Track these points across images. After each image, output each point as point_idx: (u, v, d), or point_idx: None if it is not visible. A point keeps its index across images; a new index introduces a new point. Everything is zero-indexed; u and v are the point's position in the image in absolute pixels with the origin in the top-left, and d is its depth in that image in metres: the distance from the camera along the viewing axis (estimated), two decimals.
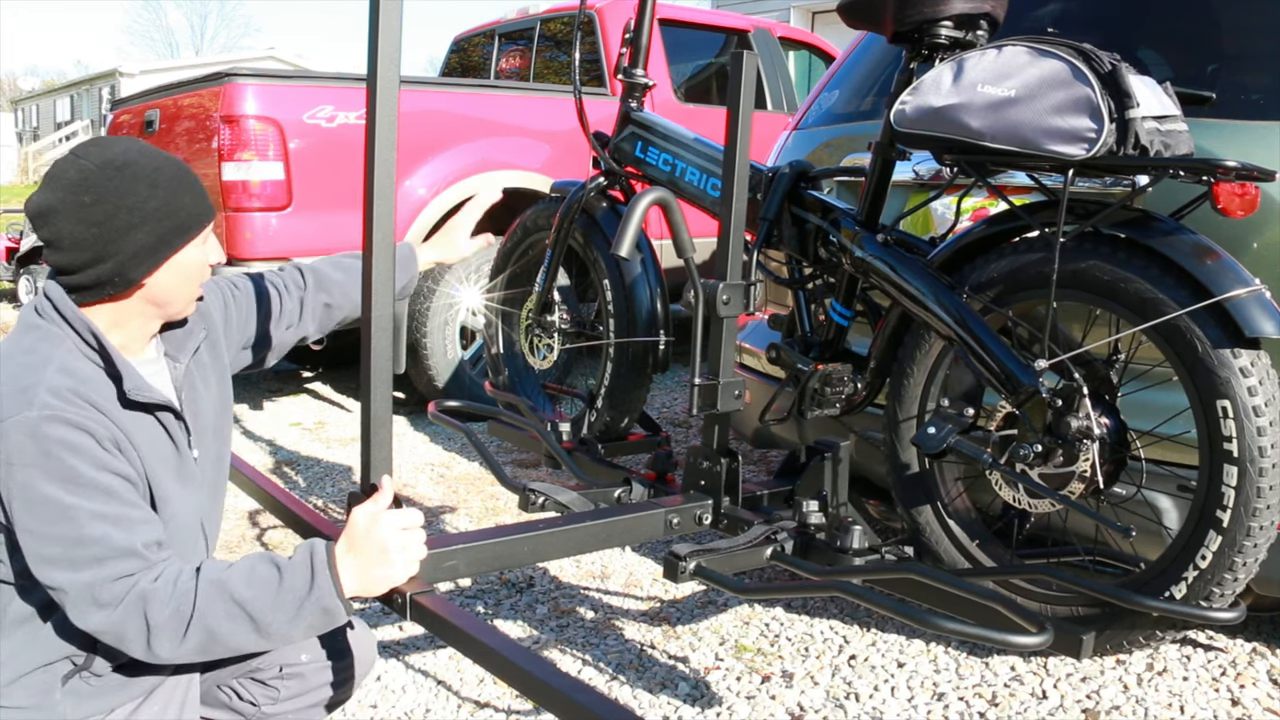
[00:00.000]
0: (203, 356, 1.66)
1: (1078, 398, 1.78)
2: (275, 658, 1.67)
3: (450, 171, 4.60)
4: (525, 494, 2.20)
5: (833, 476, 2.13)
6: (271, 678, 1.69)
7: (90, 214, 1.42)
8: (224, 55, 38.43)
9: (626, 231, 1.91)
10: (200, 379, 1.65)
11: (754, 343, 2.87)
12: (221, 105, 4.13)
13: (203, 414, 1.62)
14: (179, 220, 1.48)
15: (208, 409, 1.64)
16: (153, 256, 1.46)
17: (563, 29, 5.78)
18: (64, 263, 1.44)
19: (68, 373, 1.40)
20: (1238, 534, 1.68)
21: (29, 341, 1.44)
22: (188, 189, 1.51)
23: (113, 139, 1.51)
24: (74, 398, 1.37)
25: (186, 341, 1.62)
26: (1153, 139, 1.69)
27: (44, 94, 38.31)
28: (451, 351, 4.59)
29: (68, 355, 1.42)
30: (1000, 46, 1.82)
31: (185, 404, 1.58)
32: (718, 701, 2.17)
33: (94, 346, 1.45)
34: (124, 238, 1.43)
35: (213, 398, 1.66)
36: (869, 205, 2.18)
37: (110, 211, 1.42)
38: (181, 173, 1.51)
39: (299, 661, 1.69)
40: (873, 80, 2.90)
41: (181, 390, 1.58)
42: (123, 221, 1.43)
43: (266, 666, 1.68)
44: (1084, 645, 1.69)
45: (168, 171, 1.48)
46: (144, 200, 1.44)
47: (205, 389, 1.65)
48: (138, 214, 1.44)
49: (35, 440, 1.33)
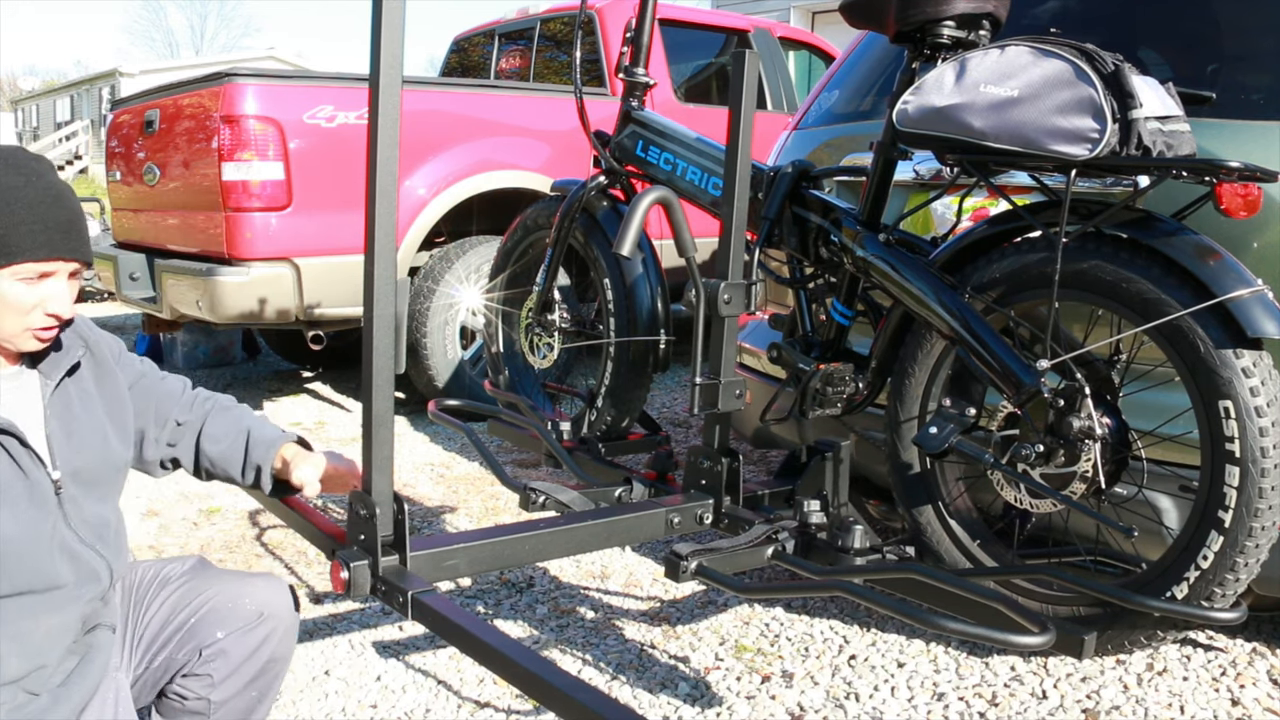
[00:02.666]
0: (84, 377, 1.62)
1: (1079, 398, 1.78)
2: (194, 644, 1.65)
3: (450, 171, 4.59)
4: (526, 493, 2.20)
5: (834, 476, 2.13)
6: (197, 665, 1.66)
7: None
8: (224, 55, 38.46)
9: (628, 230, 1.91)
10: (79, 398, 1.60)
11: (755, 342, 2.87)
12: (221, 105, 4.13)
13: (76, 432, 1.57)
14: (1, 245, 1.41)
15: (82, 428, 1.59)
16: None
17: (563, 29, 5.78)
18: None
19: None
20: (1239, 534, 1.68)
21: None
22: (21, 218, 1.43)
23: (16, 152, 1.49)
24: None
25: (61, 359, 1.57)
26: (1155, 139, 1.69)
27: (44, 94, 38.31)
28: (451, 351, 4.58)
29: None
30: (1003, 46, 1.82)
31: (50, 420, 1.54)
32: (718, 701, 2.17)
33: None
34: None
35: (94, 419, 1.61)
36: (870, 205, 2.18)
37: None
38: (27, 201, 1.43)
39: (215, 639, 1.65)
40: (873, 80, 2.89)
41: (48, 408, 1.54)
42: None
43: (189, 657, 1.65)
44: (1086, 645, 1.69)
45: (9, 193, 1.42)
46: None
47: (85, 410, 1.60)
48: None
49: None
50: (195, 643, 1.65)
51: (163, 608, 1.68)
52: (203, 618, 1.65)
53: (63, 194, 1.49)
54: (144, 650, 1.68)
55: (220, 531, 3.28)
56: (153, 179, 4.76)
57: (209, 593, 1.68)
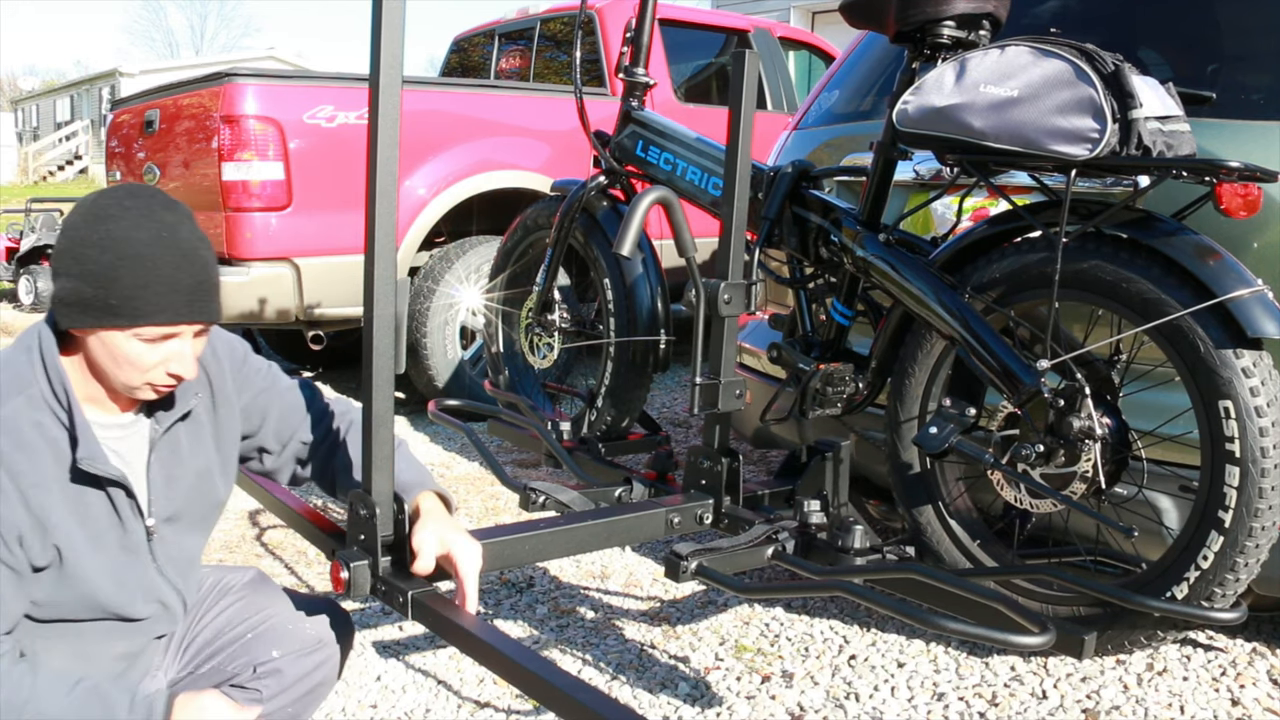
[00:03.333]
0: (198, 414, 1.60)
1: (1080, 398, 1.78)
2: (247, 659, 1.64)
3: (450, 171, 4.59)
4: (526, 493, 2.20)
5: (834, 476, 2.13)
6: (248, 680, 1.65)
7: (59, 240, 1.42)
8: (224, 55, 38.44)
9: (628, 230, 1.91)
10: (188, 439, 1.59)
11: (755, 342, 2.87)
12: (221, 105, 4.13)
13: (177, 478, 1.57)
14: (108, 301, 1.38)
15: (185, 472, 1.58)
16: (75, 314, 1.40)
17: (563, 29, 5.78)
18: None
19: (7, 430, 1.37)
20: (1239, 534, 1.68)
21: (3, 363, 1.43)
22: (150, 280, 1.38)
23: (152, 197, 1.44)
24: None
25: (175, 408, 1.55)
26: (1155, 139, 1.69)
27: (44, 94, 38.31)
28: (451, 351, 4.58)
29: (24, 406, 1.39)
30: (1003, 46, 1.82)
31: (154, 467, 1.53)
32: (718, 701, 2.17)
33: (61, 403, 1.41)
34: (60, 277, 1.40)
35: (199, 460, 1.60)
36: (870, 205, 2.18)
37: (62, 248, 1.40)
38: (157, 260, 1.39)
39: (271, 658, 1.65)
40: (873, 80, 2.89)
41: (153, 452, 1.53)
42: (66, 262, 1.39)
43: (240, 670, 1.65)
44: (1086, 645, 1.69)
45: (138, 250, 1.38)
46: (85, 257, 1.38)
47: (192, 452, 1.59)
48: (75, 266, 1.38)
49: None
50: (249, 658, 1.65)
51: (219, 617, 1.69)
52: (260, 635, 1.65)
53: (196, 250, 1.43)
54: (193, 654, 1.68)
55: (220, 531, 3.28)
56: (153, 179, 4.76)
57: (269, 610, 1.67)
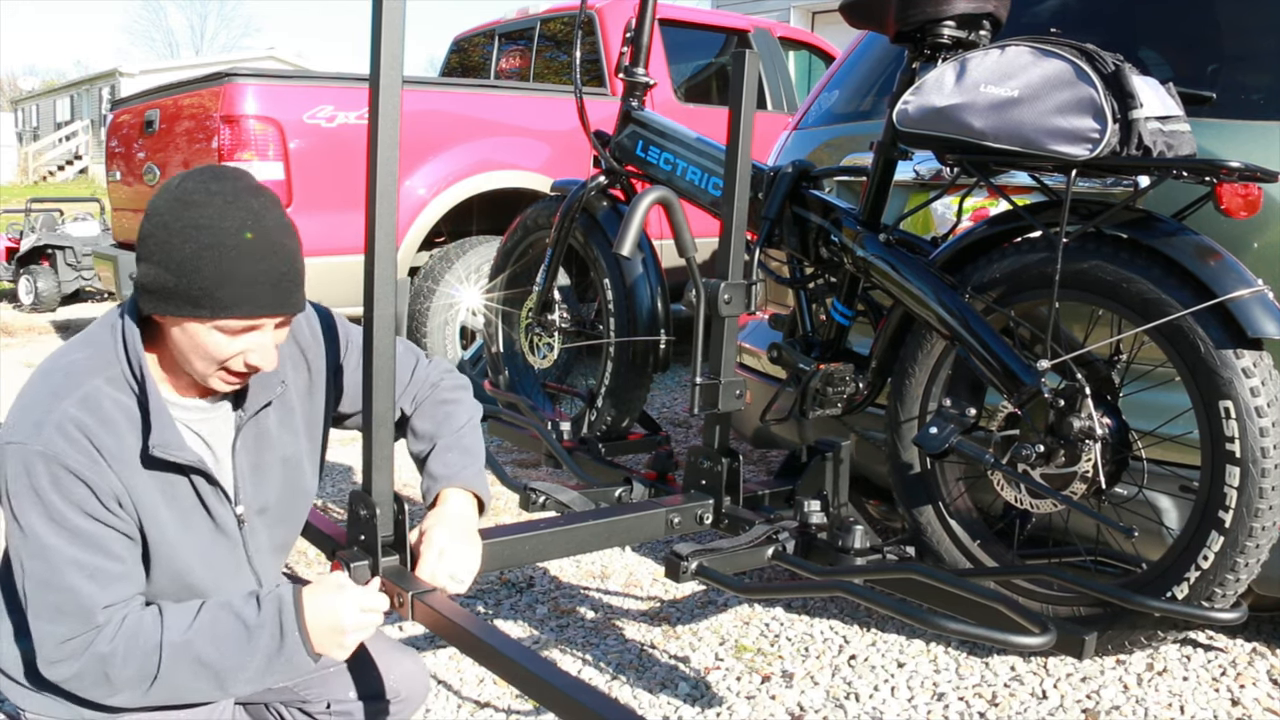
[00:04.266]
0: (287, 397, 1.57)
1: (1080, 398, 1.78)
2: (323, 692, 1.65)
3: (450, 171, 4.60)
4: (526, 493, 2.20)
5: (834, 476, 2.13)
6: (319, 712, 1.67)
7: (145, 223, 1.37)
8: (224, 55, 38.43)
9: (628, 231, 1.91)
10: (278, 425, 1.55)
11: (755, 342, 2.87)
12: (221, 105, 4.13)
13: (264, 465, 1.54)
14: (190, 291, 1.34)
15: (273, 459, 1.55)
16: (155, 301, 1.37)
17: (563, 29, 5.78)
18: None
19: (91, 408, 1.35)
20: (1240, 534, 1.68)
21: (79, 356, 1.40)
22: (233, 271, 1.34)
23: (239, 177, 1.40)
24: (82, 440, 1.33)
25: (259, 395, 1.52)
26: (1156, 140, 1.69)
27: (44, 94, 38.30)
28: (451, 351, 4.58)
29: (105, 385, 1.37)
30: (1003, 46, 1.82)
31: (239, 454, 1.50)
32: (718, 701, 2.17)
33: (134, 384, 1.39)
34: (143, 262, 1.37)
35: (286, 448, 1.57)
36: (871, 205, 2.18)
37: (146, 232, 1.37)
38: (241, 252, 1.34)
39: (347, 699, 1.66)
40: (873, 80, 2.89)
41: (238, 440, 1.50)
42: (148, 249, 1.36)
43: (314, 700, 1.66)
44: (1086, 645, 1.69)
45: (223, 239, 1.34)
46: (168, 244, 1.34)
47: (281, 439, 1.56)
48: (158, 253, 1.35)
49: (28, 473, 1.31)
50: (325, 691, 1.65)
51: None
52: (342, 672, 1.66)
53: (281, 241, 1.39)
54: None
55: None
56: (153, 179, 4.76)
57: (358, 650, 1.65)
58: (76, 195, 15.15)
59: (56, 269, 8.71)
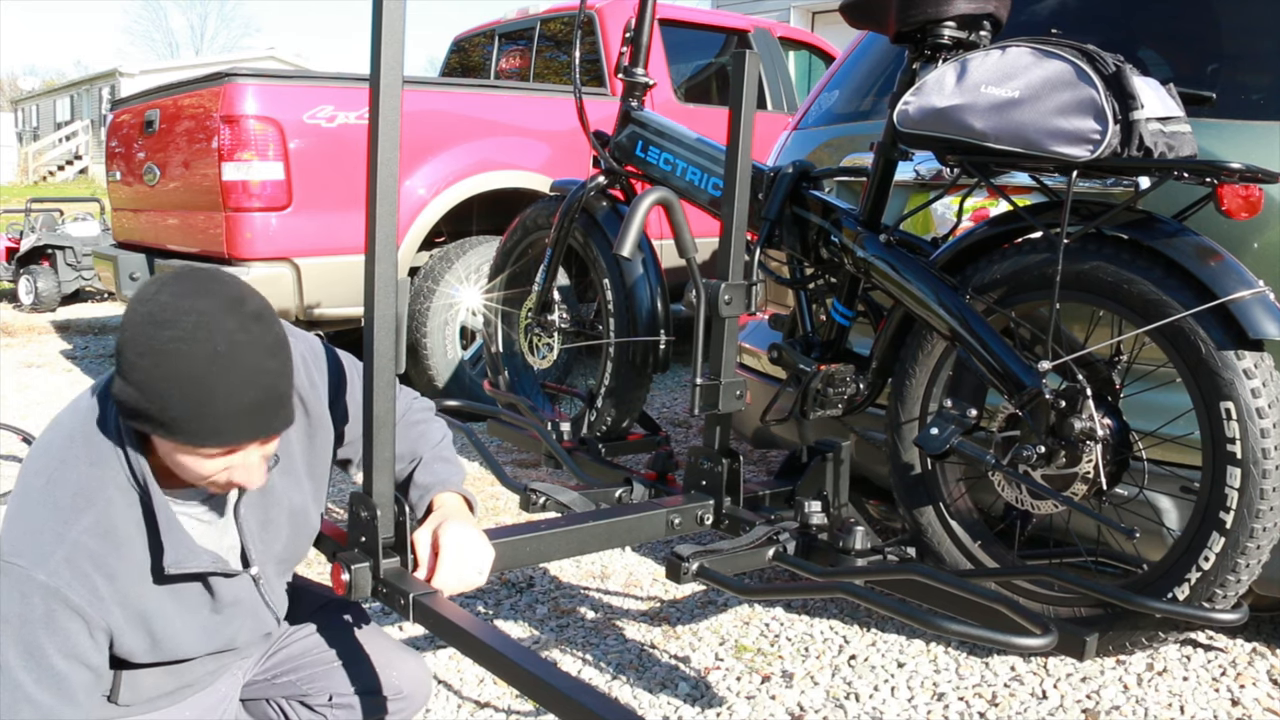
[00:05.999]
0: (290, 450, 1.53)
1: (1081, 399, 1.78)
2: (326, 685, 1.65)
3: (450, 171, 4.59)
4: (526, 494, 2.20)
5: (834, 477, 2.13)
6: (320, 705, 1.67)
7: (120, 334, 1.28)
8: (224, 55, 38.42)
9: (629, 231, 1.90)
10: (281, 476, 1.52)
11: (755, 343, 2.87)
12: (221, 105, 4.13)
13: (271, 520, 1.51)
14: (163, 419, 1.26)
15: (280, 513, 1.52)
16: (134, 420, 1.29)
17: (563, 29, 5.78)
18: None
19: (104, 531, 1.31)
20: (1241, 535, 1.68)
21: (84, 455, 1.34)
22: (206, 405, 1.24)
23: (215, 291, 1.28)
24: (91, 573, 1.29)
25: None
26: (1157, 140, 1.69)
27: (44, 94, 38.29)
28: (451, 351, 4.58)
29: (116, 496, 1.33)
30: (1004, 47, 1.82)
31: (245, 518, 1.47)
32: (718, 701, 2.17)
33: (144, 498, 1.34)
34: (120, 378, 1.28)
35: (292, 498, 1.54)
36: (871, 205, 2.18)
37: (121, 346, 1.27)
38: (214, 386, 1.24)
39: (349, 693, 1.66)
40: (873, 80, 2.89)
41: (241, 505, 1.47)
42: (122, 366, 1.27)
43: (316, 693, 1.66)
44: (1087, 646, 1.69)
45: (193, 370, 1.23)
46: (142, 368, 1.25)
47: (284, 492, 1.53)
48: (132, 374, 1.26)
49: (23, 601, 1.26)
50: (328, 685, 1.66)
51: (312, 636, 1.69)
52: (345, 667, 1.66)
53: (261, 365, 1.28)
54: (277, 662, 1.68)
55: None
56: (153, 179, 4.76)
57: (362, 646, 1.68)
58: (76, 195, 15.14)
59: (56, 269, 8.70)
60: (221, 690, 1.60)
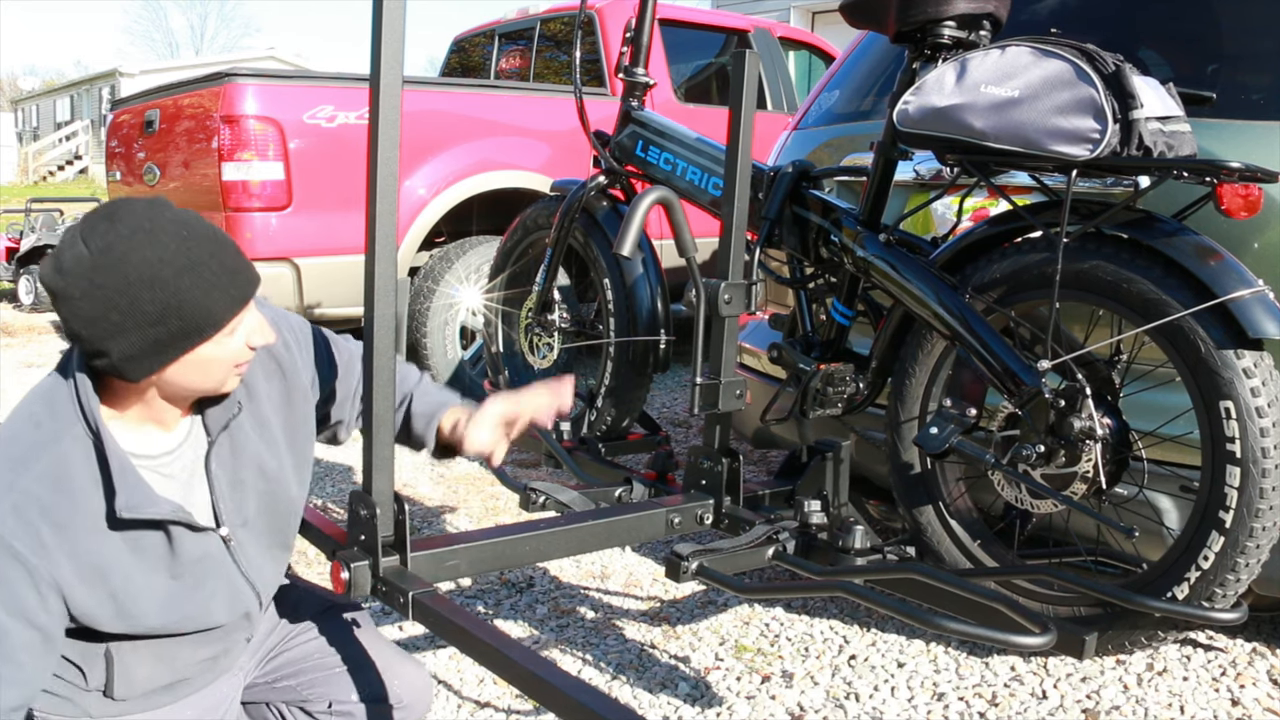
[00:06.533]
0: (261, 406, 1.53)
1: (1080, 398, 1.78)
2: (326, 692, 1.64)
3: (450, 171, 4.60)
4: (526, 493, 2.20)
5: (834, 476, 2.13)
6: (320, 712, 1.66)
7: (81, 309, 1.28)
8: (224, 55, 38.43)
9: (629, 231, 1.90)
10: (255, 432, 1.52)
11: (755, 342, 2.87)
12: (221, 105, 4.13)
13: (242, 479, 1.50)
14: (185, 324, 1.30)
15: (250, 472, 1.51)
16: (152, 360, 1.31)
17: (563, 29, 5.78)
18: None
19: (53, 482, 1.30)
20: (1240, 535, 1.68)
21: (42, 412, 1.35)
22: (206, 282, 1.31)
23: (128, 209, 1.31)
24: (38, 521, 1.28)
25: (221, 414, 1.48)
26: (1156, 140, 1.69)
27: (44, 94, 38.30)
28: (451, 351, 4.58)
29: (69, 448, 1.32)
30: (1003, 47, 1.82)
31: (215, 473, 1.47)
32: (718, 701, 2.17)
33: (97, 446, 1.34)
34: (113, 339, 1.29)
35: (265, 459, 1.53)
36: (871, 205, 2.18)
37: (100, 311, 1.27)
38: (197, 262, 1.30)
39: (349, 700, 1.65)
40: (873, 80, 2.90)
41: (211, 459, 1.47)
42: (112, 323, 1.28)
43: (316, 699, 1.65)
44: (1087, 645, 1.69)
45: (177, 263, 1.29)
46: (136, 303, 1.27)
47: (255, 451, 1.52)
48: (130, 318, 1.27)
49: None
50: (328, 691, 1.65)
51: (314, 641, 1.68)
52: (346, 673, 1.66)
53: (212, 229, 1.36)
54: (277, 666, 1.68)
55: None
56: (153, 179, 4.76)
57: (364, 653, 1.67)
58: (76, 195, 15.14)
59: None
60: (222, 691, 1.59)
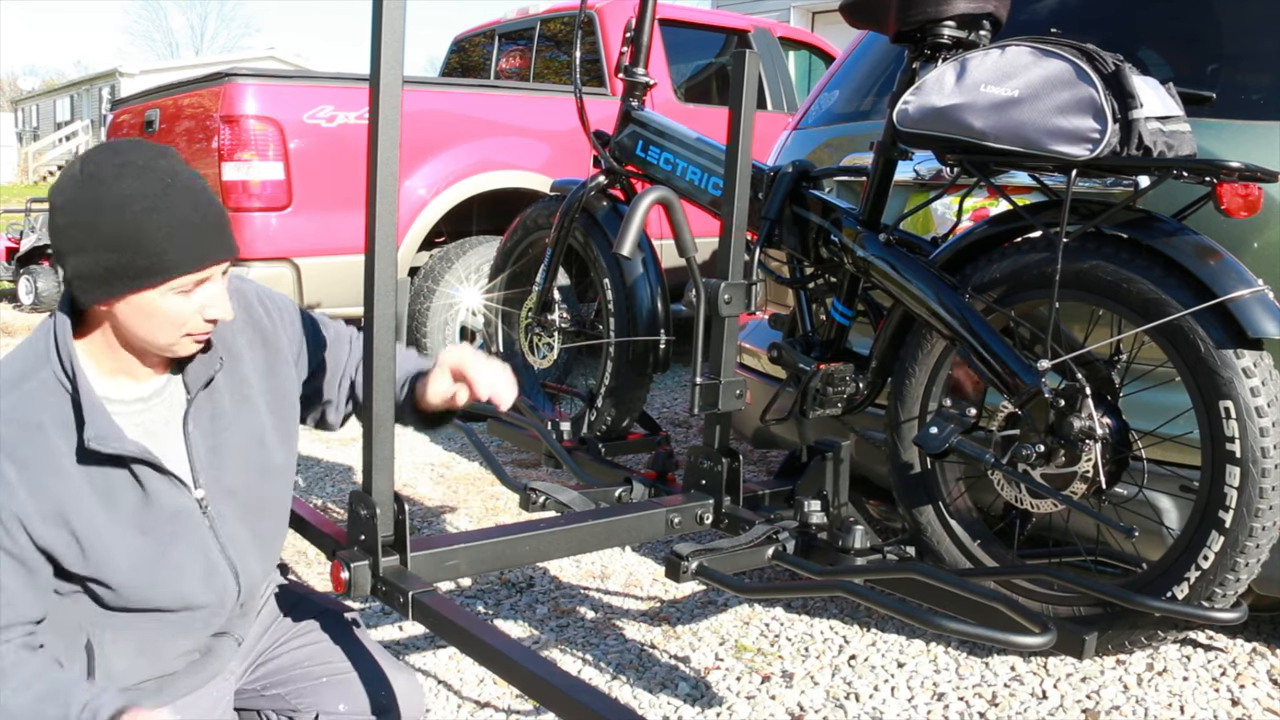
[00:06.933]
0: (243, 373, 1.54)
1: (1080, 398, 1.78)
2: (314, 702, 1.62)
3: (450, 171, 4.60)
4: (526, 493, 2.20)
5: (834, 476, 2.13)
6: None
7: (56, 219, 1.34)
8: (224, 55, 38.43)
9: (629, 230, 1.90)
10: (233, 399, 1.52)
11: (755, 342, 2.87)
12: (221, 105, 4.13)
13: (223, 445, 1.50)
14: (137, 261, 1.32)
15: (232, 438, 1.51)
16: (100, 287, 1.34)
17: (563, 29, 5.78)
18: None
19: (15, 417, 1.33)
20: (1240, 534, 1.68)
21: (17, 354, 1.39)
22: (169, 228, 1.32)
23: (135, 147, 1.37)
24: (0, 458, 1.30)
25: (201, 371, 1.48)
26: (1156, 140, 1.69)
27: (44, 94, 38.30)
28: None
29: (36, 390, 1.35)
30: (1003, 46, 1.82)
31: (193, 436, 1.47)
32: (718, 701, 2.17)
33: (67, 381, 1.36)
34: (72, 255, 1.33)
35: (247, 426, 1.53)
36: (871, 205, 2.18)
37: (66, 224, 1.33)
38: (169, 208, 1.33)
39: (337, 711, 1.62)
40: (873, 80, 2.90)
41: (189, 422, 1.47)
42: (74, 238, 1.32)
43: (303, 710, 1.63)
44: (1087, 645, 1.69)
45: (148, 202, 1.32)
46: (98, 225, 1.31)
47: (236, 417, 1.52)
48: (90, 237, 1.31)
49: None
50: (316, 700, 1.63)
51: (303, 650, 1.66)
52: (335, 684, 1.63)
53: (203, 188, 1.40)
54: (265, 674, 1.66)
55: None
56: None
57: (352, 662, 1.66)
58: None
59: (57, 269, 8.71)
60: (213, 695, 1.58)
